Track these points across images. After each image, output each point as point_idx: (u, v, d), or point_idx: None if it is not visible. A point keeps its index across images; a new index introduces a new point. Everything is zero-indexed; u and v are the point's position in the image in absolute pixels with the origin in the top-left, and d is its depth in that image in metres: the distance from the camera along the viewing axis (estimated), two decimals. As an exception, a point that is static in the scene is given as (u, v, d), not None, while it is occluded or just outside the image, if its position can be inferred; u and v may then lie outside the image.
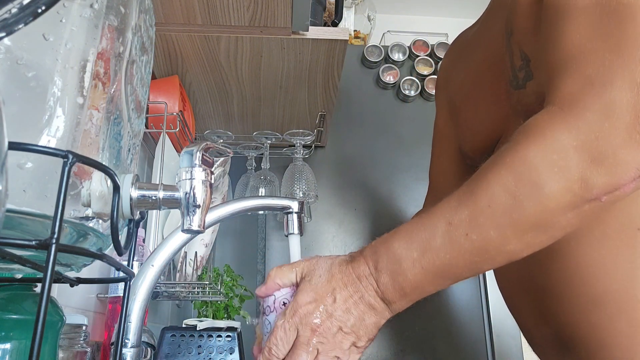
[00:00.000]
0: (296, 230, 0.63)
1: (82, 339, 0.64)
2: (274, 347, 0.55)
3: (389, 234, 0.56)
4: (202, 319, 1.23)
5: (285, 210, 0.64)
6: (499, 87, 0.73)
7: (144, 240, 1.04)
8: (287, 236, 0.64)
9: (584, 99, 0.48)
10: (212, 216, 0.61)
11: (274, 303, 0.60)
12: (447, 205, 0.52)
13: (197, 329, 1.06)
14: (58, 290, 0.77)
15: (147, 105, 0.80)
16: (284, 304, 0.59)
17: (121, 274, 0.42)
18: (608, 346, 0.60)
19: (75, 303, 0.87)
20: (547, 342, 0.69)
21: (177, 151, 1.22)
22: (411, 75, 1.94)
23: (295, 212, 0.64)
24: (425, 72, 1.94)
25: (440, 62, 1.01)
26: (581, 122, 0.47)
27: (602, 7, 0.50)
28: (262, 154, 1.53)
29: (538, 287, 0.67)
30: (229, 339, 1.05)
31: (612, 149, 0.45)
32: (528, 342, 0.75)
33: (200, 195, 0.40)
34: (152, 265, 0.57)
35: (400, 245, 0.53)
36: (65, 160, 0.29)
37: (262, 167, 1.52)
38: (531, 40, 0.63)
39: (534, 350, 0.75)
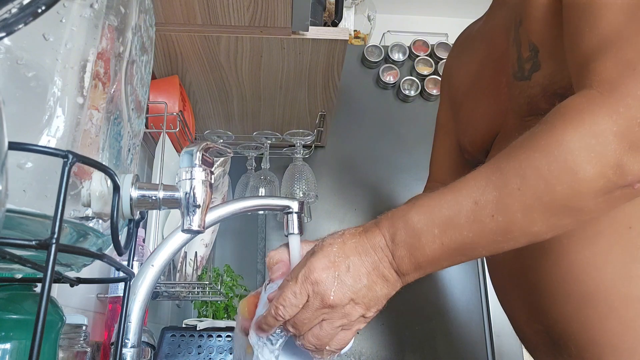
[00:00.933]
0: (296, 230, 0.63)
1: (82, 339, 0.64)
2: (281, 307, 0.53)
3: (406, 205, 0.55)
4: (202, 319, 1.23)
5: (285, 210, 0.64)
6: (499, 82, 0.73)
7: (144, 240, 1.04)
8: (287, 236, 0.63)
9: (625, 83, 0.47)
10: (212, 216, 0.61)
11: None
12: (475, 183, 0.51)
13: (197, 329, 1.06)
14: (58, 290, 0.77)
15: (147, 105, 0.80)
16: None
17: (121, 274, 0.42)
18: (598, 343, 0.60)
19: (75, 303, 0.87)
20: (538, 338, 0.69)
21: (177, 151, 1.22)
22: (411, 75, 1.94)
23: (295, 212, 0.63)
24: (425, 72, 1.94)
25: (441, 61, 1.02)
26: (622, 107, 0.46)
27: None
28: (262, 154, 1.54)
29: (530, 283, 0.67)
30: (229, 339, 1.05)
31: None
32: (519, 337, 0.76)
33: (200, 195, 0.40)
34: (152, 265, 0.57)
35: (420, 219, 0.52)
36: (65, 160, 0.29)
37: (262, 167, 1.52)
38: (541, 31, 0.62)
39: (525, 346, 0.75)
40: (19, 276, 0.44)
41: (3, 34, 0.24)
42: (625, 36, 0.49)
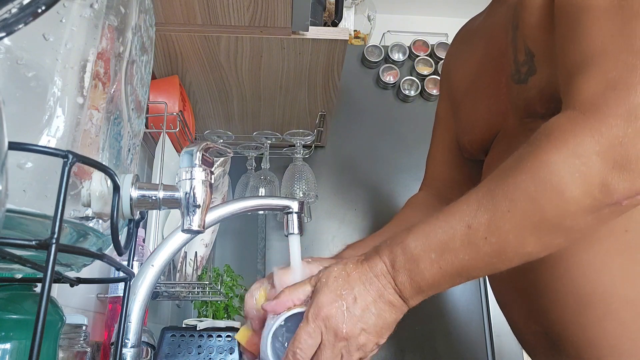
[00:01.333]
0: (296, 230, 0.63)
1: (82, 339, 0.64)
2: (299, 351, 0.54)
3: (403, 232, 0.56)
4: (202, 319, 1.23)
5: (286, 210, 0.64)
6: (499, 82, 0.73)
7: (144, 240, 1.04)
8: (287, 236, 0.63)
9: (607, 103, 0.47)
10: (212, 216, 0.61)
11: (285, 319, 0.58)
12: (467, 207, 0.52)
13: (197, 329, 1.06)
14: (58, 290, 0.77)
15: (147, 105, 0.80)
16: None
17: (121, 274, 0.42)
18: (597, 345, 0.60)
19: (75, 303, 0.87)
20: (537, 339, 0.69)
21: (177, 151, 1.22)
22: (411, 75, 1.94)
23: (295, 212, 0.63)
24: (425, 72, 1.94)
25: (441, 62, 1.02)
26: (604, 127, 0.46)
27: (624, 9, 0.49)
28: (262, 154, 1.53)
29: (528, 285, 0.67)
30: (229, 339, 1.05)
31: (635, 154, 0.45)
32: (518, 339, 0.76)
33: (200, 195, 0.40)
34: (152, 265, 0.57)
35: (417, 245, 0.53)
36: (65, 160, 0.29)
37: (262, 167, 1.52)
38: (537, 36, 0.62)
39: (523, 347, 0.75)
40: (19, 276, 0.44)
41: (3, 34, 0.24)
42: (610, 53, 0.49)
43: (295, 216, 0.63)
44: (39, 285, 0.44)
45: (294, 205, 0.63)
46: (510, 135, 0.72)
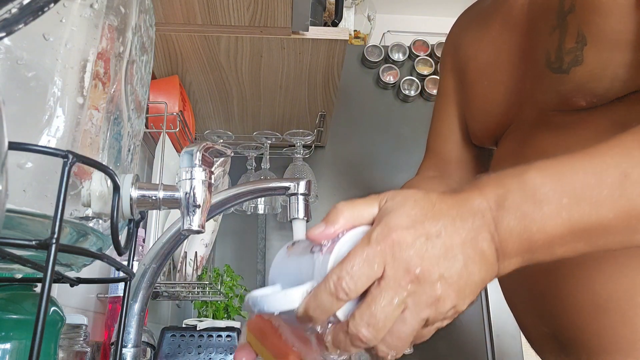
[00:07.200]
0: (301, 214, 0.54)
1: (82, 339, 0.64)
2: (347, 277, 0.37)
3: (517, 167, 0.42)
4: (202, 319, 1.23)
5: (288, 193, 0.55)
6: (523, 70, 0.68)
7: (144, 240, 1.04)
8: (291, 221, 0.54)
9: None
10: (217, 198, 0.56)
11: (338, 245, 0.40)
12: (624, 151, 0.40)
13: (197, 329, 1.06)
14: (58, 290, 0.77)
15: (147, 105, 0.80)
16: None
17: (121, 274, 0.42)
18: (610, 351, 0.60)
19: (75, 303, 0.87)
20: (545, 341, 0.69)
21: (177, 151, 1.22)
22: (411, 75, 1.94)
23: (301, 194, 0.54)
24: (425, 72, 1.94)
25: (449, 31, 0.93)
26: None
27: None
28: (262, 154, 1.54)
29: (541, 288, 0.66)
30: (229, 339, 1.05)
31: None
32: (526, 338, 0.76)
33: (200, 195, 0.40)
34: (152, 266, 0.57)
35: (545, 182, 0.40)
36: (65, 160, 0.29)
37: (262, 167, 1.52)
38: (597, 22, 0.57)
39: (532, 346, 0.75)
40: (19, 276, 0.44)
41: (3, 34, 0.24)
42: None
43: (300, 198, 0.55)
44: (39, 285, 0.44)
45: (299, 186, 0.55)
46: (527, 127, 0.68)
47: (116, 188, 0.34)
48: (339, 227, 0.40)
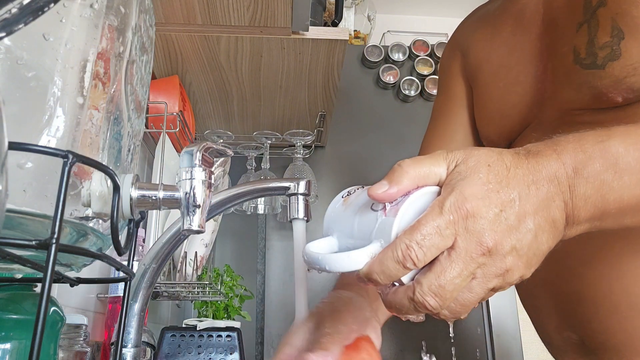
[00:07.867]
0: (301, 214, 0.54)
1: (82, 339, 0.64)
2: (416, 247, 0.36)
3: (597, 131, 0.41)
4: (202, 319, 1.23)
5: (288, 193, 0.56)
6: (542, 69, 0.66)
7: (144, 240, 1.04)
8: (291, 221, 0.54)
9: None
10: (217, 198, 0.56)
11: (405, 208, 0.39)
12: None
13: (197, 329, 1.06)
14: (58, 290, 0.77)
15: (147, 105, 0.80)
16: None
17: (121, 274, 0.42)
18: None
19: (75, 303, 0.87)
20: (569, 346, 0.67)
21: (177, 151, 1.22)
22: (411, 75, 1.95)
23: (301, 194, 0.55)
24: (425, 72, 1.94)
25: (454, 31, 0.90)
26: None
27: None
28: (262, 154, 1.54)
29: (568, 292, 0.65)
30: (229, 339, 1.05)
31: None
32: (545, 343, 0.73)
33: (200, 195, 0.40)
34: (153, 265, 0.57)
35: (629, 151, 0.39)
36: (65, 160, 0.29)
37: (262, 167, 1.52)
38: (633, 14, 0.55)
39: (550, 352, 0.73)
40: (19, 276, 0.44)
41: (3, 34, 0.24)
42: None
43: (300, 198, 0.55)
44: (39, 285, 0.44)
45: (299, 186, 0.55)
46: (547, 127, 0.65)
47: (116, 188, 0.34)
48: (403, 187, 0.39)
